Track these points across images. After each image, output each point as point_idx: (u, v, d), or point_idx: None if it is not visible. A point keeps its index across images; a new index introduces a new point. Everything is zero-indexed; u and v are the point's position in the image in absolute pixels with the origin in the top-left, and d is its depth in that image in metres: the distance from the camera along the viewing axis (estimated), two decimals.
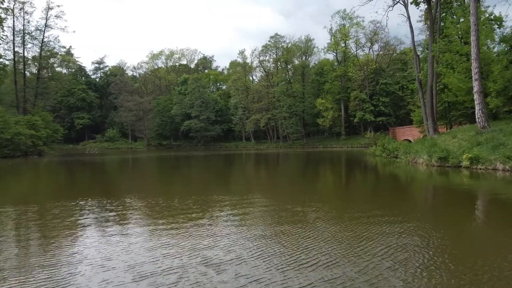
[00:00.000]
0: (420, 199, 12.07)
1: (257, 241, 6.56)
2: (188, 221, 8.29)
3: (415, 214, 8.86)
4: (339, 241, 6.45)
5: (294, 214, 8.79)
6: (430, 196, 12.64)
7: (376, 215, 8.43)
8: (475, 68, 21.20)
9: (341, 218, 8.38)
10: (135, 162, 34.47)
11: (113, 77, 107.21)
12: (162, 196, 12.00)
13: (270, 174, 21.64)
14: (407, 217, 8.26)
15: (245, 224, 7.99)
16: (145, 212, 9.56)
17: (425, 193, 13.29)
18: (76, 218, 8.77)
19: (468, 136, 21.37)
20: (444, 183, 14.88)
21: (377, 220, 7.90)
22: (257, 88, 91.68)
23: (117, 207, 10.06)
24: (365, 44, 74.40)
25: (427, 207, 10.58)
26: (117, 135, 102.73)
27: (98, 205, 10.42)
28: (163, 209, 9.67)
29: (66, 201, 11.15)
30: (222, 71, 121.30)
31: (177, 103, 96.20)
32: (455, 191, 12.79)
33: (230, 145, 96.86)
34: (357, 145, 69.96)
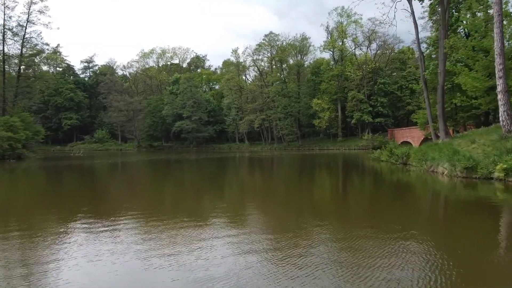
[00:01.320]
0: (467, 227, 9.39)
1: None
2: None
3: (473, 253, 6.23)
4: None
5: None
6: (477, 222, 9.85)
7: (413, 250, 6.07)
8: (499, 65, 18.71)
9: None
10: (121, 168, 31.64)
11: (102, 76, 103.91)
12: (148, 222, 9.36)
13: (266, 186, 18.99)
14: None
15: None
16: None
17: (469, 217, 10.40)
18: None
19: (490, 142, 18.85)
20: (484, 201, 12.26)
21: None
22: (251, 88, 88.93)
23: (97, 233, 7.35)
24: (362, 43, 72.01)
25: (479, 237, 7.89)
26: (107, 136, 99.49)
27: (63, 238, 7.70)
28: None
29: (27, 224, 8.41)
30: (215, 71, 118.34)
31: (168, 103, 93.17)
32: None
33: (223, 146, 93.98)
34: (354, 147, 67.58)
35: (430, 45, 36.48)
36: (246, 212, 10.97)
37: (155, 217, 10.26)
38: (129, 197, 14.71)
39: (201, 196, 14.71)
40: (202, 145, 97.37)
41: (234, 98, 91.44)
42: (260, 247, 7.08)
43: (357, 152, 60.73)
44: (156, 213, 10.82)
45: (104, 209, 11.98)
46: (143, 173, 25.96)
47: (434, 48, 36.56)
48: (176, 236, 8.10)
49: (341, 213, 10.72)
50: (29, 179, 22.98)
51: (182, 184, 19.58)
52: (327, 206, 11.88)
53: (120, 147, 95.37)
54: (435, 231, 8.45)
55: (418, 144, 58.30)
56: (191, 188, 17.44)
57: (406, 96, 69.84)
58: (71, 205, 12.44)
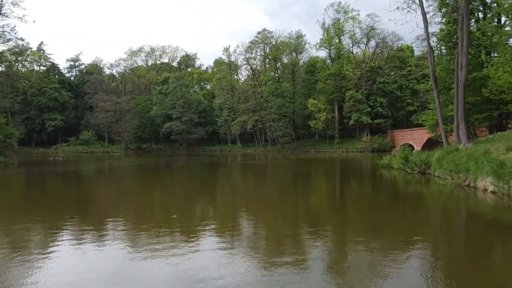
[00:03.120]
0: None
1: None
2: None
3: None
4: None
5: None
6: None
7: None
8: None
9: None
10: (102, 177, 27.76)
11: (89, 75, 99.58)
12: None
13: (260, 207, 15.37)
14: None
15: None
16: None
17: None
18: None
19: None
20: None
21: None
22: (243, 87, 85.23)
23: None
24: (360, 40, 68.65)
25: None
26: (93, 137, 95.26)
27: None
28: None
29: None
30: (206, 70, 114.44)
31: (157, 104, 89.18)
32: None
33: (214, 148, 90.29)
34: (352, 149, 64.30)
35: (441, 40, 33.06)
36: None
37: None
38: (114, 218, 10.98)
39: (195, 218, 11.09)
40: (193, 147, 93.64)
41: (226, 98, 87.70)
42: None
43: (356, 155, 57.39)
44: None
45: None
46: (127, 186, 22.17)
47: (445, 42, 33.29)
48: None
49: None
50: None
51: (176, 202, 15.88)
52: (346, 247, 8.27)
53: (106, 149, 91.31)
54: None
55: (421, 147, 55.12)
56: (184, 207, 13.77)
57: (407, 96, 66.61)
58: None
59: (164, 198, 16.35)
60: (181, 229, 10.09)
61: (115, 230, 10.08)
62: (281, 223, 10.94)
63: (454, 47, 33.29)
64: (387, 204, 14.02)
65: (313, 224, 10.47)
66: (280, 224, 10.79)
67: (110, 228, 10.36)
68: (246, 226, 10.56)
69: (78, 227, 10.53)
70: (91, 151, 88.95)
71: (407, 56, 70.55)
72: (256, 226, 10.57)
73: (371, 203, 14.27)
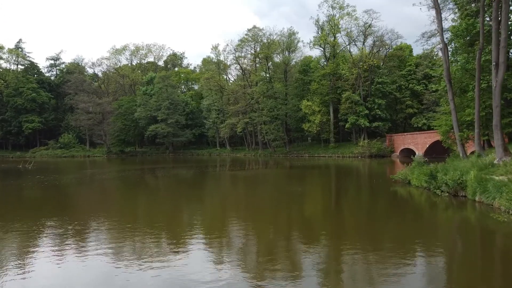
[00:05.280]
0: None
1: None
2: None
3: None
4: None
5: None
6: None
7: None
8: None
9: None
10: (75, 196, 23.13)
11: (70, 75, 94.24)
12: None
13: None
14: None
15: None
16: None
17: None
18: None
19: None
20: None
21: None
22: (233, 88, 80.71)
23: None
24: (357, 38, 64.65)
25: None
26: (73, 141, 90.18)
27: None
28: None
29: None
30: (194, 69, 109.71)
31: (141, 105, 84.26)
32: None
33: (202, 152, 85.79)
34: (349, 154, 60.37)
35: (457, 35, 29.18)
36: None
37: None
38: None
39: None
40: (180, 150, 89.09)
41: (214, 99, 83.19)
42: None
43: (353, 161, 53.52)
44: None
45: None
46: (103, 206, 17.67)
47: (461, 38, 29.48)
48: None
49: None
50: None
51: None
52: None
53: (88, 153, 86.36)
54: None
55: (423, 152, 51.49)
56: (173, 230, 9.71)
57: (406, 97, 62.93)
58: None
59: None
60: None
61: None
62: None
63: (472, 44, 29.65)
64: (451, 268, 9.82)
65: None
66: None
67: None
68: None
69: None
70: (71, 156, 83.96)
71: (406, 55, 66.87)
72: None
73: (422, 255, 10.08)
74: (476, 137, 25.66)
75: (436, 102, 53.70)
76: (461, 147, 27.86)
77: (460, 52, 29.67)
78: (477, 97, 25.10)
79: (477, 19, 28.70)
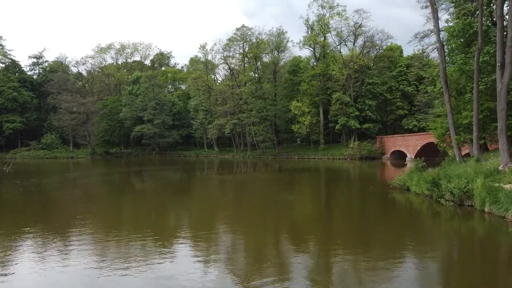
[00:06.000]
0: None
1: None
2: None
3: None
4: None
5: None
6: None
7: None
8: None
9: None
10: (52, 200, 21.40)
11: (53, 73, 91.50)
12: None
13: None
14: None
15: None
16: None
17: None
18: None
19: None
20: None
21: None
22: (221, 88, 79.09)
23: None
24: (347, 38, 63.77)
25: None
26: (56, 141, 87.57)
27: None
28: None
29: None
30: (182, 69, 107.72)
31: (127, 105, 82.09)
32: None
33: (189, 153, 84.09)
34: (339, 156, 59.45)
35: (454, 36, 28.28)
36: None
37: None
38: None
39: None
40: (166, 151, 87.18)
41: (202, 100, 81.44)
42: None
43: (343, 163, 52.58)
44: None
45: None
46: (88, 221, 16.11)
47: (457, 38, 28.59)
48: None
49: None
50: None
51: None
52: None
53: (71, 155, 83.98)
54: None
55: (414, 154, 50.71)
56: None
57: (397, 99, 62.27)
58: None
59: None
60: None
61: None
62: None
63: (469, 45, 28.77)
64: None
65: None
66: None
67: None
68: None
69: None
70: (54, 157, 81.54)
71: (396, 56, 66.25)
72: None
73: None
74: (475, 141, 24.76)
75: (428, 104, 53.04)
76: (458, 151, 26.98)
77: (457, 52, 28.78)
78: (475, 99, 24.20)
79: (474, 19, 27.88)
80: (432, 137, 46.28)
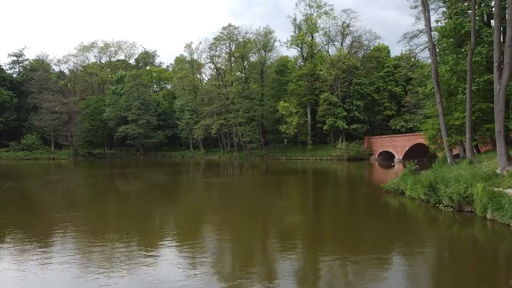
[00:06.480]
0: None
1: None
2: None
3: None
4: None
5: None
6: None
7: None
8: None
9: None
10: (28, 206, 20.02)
11: (34, 72, 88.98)
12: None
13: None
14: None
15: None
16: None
17: None
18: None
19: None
20: None
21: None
22: (207, 88, 77.91)
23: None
24: (335, 38, 63.36)
25: None
26: (37, 142, 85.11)
27: None
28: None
29: None
30: (167, 68, 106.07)
31: (110, 105, 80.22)
32: None
33: (175, 154, 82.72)
34: (327, 157, 58.95)
35: (445, 36, 27.87)
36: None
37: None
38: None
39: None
40: (151, 152, 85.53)
41: (188, 100, 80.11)
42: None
43: (331, 164, 52.06)
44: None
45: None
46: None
47: (448, 38, 28.23)
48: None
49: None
50: None
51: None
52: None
53: (52, 155, 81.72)
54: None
55: (402, 155, 50.45)
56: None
57: (384, 99, 62.08)
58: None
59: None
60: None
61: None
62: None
63: (461, 45, 28.41)
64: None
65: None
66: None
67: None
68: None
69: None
70: (35, 158, 79.20)
71: (384, 56, 66.12)
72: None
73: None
74: (468, 143, 24.29)
75: (416, 105, 52.89)
76: (449, 153, 26.49)
77: (448, 52, 28.38)
78: (468, 100, 23.74)
79: (465, 18, 27.49)
80: (420, 138, 46.15)
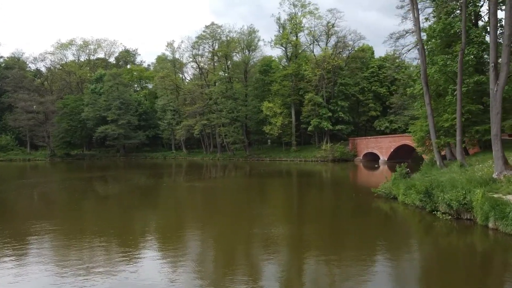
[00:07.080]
0: None
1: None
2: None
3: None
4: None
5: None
6: None
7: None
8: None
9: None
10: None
11: (8, 70, 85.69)
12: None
13: None
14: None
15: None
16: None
17: None
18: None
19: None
20: None
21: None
22: (189, 87, 76.37)
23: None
24: (319, 38, 62.73)
25: None
26: (12, 143, 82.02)
27: None
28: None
29: None
30: (148, 67, 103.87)
31: (89, 104, 77.79)
32: None
33: (156, 155, 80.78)
34: (311, 158, 58.28)
35: (433, 37, 27.39)
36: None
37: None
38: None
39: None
40: (132, 153, 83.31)
41: (169, 99, 78.37)
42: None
43: (315, 165, 51.44)
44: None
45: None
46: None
47: (438, 39, 27.76)
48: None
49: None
50: None
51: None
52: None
53: (28, 157, 78.83)
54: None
55: (387, 157, 50.12)
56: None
57: (369, 100, 61.75)
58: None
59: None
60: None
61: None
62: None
63: (449, 45, 27.94)
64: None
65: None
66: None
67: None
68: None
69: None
70: (9, 159, 76.07)
71: (368, 57, 65.87)
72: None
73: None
74: (458, 145, 23.75)
75: (403, 106, 52.68)
76: (438, 155, 25.98)
77: (436, 53, 27.88)
78: (459, 102, 23.20)
79: (454, 19, 27.06)
80: (405, 139, 45.86)
